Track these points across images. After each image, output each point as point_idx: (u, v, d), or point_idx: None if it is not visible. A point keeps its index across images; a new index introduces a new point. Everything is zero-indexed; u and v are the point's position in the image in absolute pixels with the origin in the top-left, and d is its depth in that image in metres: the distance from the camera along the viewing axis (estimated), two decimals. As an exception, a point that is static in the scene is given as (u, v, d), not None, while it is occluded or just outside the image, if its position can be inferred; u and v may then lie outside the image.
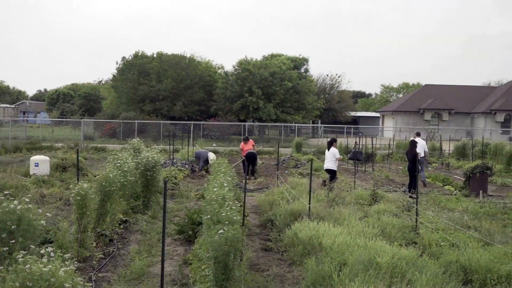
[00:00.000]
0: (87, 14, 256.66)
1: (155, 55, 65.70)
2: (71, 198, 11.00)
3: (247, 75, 57.73)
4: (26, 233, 7.74)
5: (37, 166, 21.35)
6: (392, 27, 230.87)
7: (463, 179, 22.06)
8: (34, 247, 7.33)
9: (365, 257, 8.76)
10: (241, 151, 26.65)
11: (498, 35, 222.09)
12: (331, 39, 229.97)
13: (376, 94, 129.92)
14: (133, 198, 14.90)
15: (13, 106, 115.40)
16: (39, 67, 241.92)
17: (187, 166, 26.30)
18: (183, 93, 61.30)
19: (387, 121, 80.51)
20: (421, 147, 23.86)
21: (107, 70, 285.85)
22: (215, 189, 9.96)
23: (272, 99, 57.99)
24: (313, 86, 69.49)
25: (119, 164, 13.56)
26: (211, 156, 25.84)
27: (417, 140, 23.33)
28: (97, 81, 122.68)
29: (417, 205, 13.01)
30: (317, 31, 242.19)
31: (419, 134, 26.15)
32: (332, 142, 20.62)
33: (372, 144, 33.55)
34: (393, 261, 8.65)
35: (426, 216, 13.85)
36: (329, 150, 20.39)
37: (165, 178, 18.92)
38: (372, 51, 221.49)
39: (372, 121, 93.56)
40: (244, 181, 13.61)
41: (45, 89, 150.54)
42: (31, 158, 22.15)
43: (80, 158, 23.73)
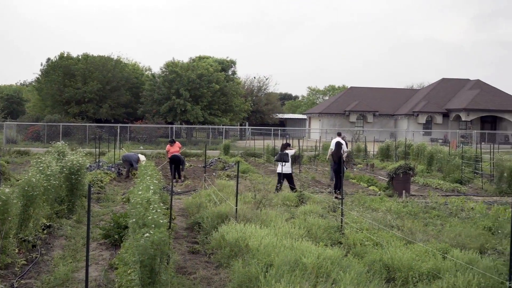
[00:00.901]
0: (7, 14, 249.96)
1: (80, 56, 64.60)
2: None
3: (174, 77, 57.46)
4: None
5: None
6: (319, 30, 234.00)
7: (387, 179, 22.52)
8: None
9: (291, 258, 8.85)
10: (167, 153, 26.52)
11: (421, 40, 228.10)
12: (258, 41, 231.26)
13: (303, 96, 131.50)
14: (57, 202, 14.59)
15: None
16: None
17: (113, 169, 25.96)
18: (110, 95, 60.50)
19: (313, 123, 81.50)
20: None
21: (31, 71, 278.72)
22: (140, 192, 9.86)
23: (199, 101, 57.86)
24: (240, 88, 69.76)
25: (42, 168, 13.28)
26: (142, 158, 25.66)
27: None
28: (19, 83, 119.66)
29: (342, 206, 13.21)
30: (244, 34, 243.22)
31: (340, 134, 26.67)
32: (286, 146, 20.84)
33: (299, 145, 33.88)
34: (318, 261, 8.76)
35: (351, 216, 14.08)
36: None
37: (90, 181, 18.67)
38: (299, 53, 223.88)
39: (299, 123, 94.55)
40: (171, 183, 13.55)
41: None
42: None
43: (2, 162, 23.17)
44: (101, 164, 27.01)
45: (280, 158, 21.09)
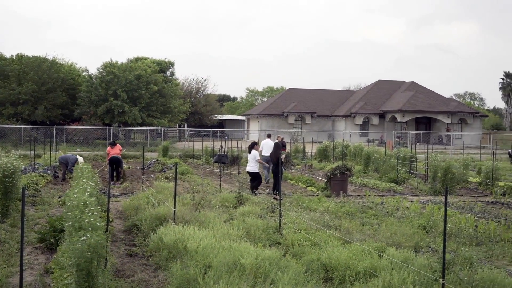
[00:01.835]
0: None
1: (14, 57, 63.17)
2: None
3: (112, 78, 56.74)
4: None
5: None
6: (257, 32, 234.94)
7: (325, 180, 22.78)
8: None
9: (230, 259, 8.87)
10: (107, 155, 26.22)
11: (358, 42, 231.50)
12: (197, 42, 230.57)
13: (242, 98, 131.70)
14: (-10, 206, 14.26)
15: None
16: None
17: (49, 172, 25.48)
18: (45, 96, 59.26)
19: (252, 124, 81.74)
20: (268, 147, 24.85)
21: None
22: (76, 195, 9.72)
23: (137, 102, 57.30)
24: (179, 89, 69.42)
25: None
26: (80, 159, 25.28)
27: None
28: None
29: (280, 206, 13.31)
30: (183, 35, 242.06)
31: (269, 135, 27.00)
32: (253, 146, 21.41)
33: (238, 147, 33.96)
34: (257, 262, 8.80)
35: (290, 217, 14.19)
36: (250, 153, 20.98)
37: (25, 184, 18.28)
38: (237, 55, 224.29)
39: (237, 124, 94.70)
40: (108, 186, 13.41)
41: None
42: None
43: None
44: (36, 166, 26.47)
45: (219, 159, 21.12)
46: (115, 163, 24.87)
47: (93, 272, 7.53)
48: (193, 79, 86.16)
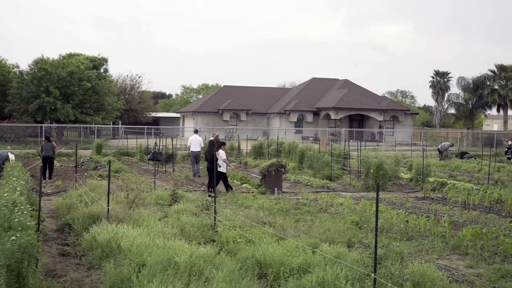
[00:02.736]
0: None
1: None
2: None
3: (43, 75, 55.49)
4: None
5: None
6: (192, 28, 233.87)
7: (260, 177, 22.90)
8: None
9: (164, 257, 8.83)
10: (41, 151, 25.71)
11: (293, 39, 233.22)
12: (131, 39, 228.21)
13: (177, 95, 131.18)
14: None
15: None
16: None
17: (-22, 170, 24.82)
18: (-26, 93, 57.76)
19: (187, 122, 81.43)
20: (197, 143, 25.02)
21: None
22: (5, 194, 9.52)
23: (70, 99, 56.24)
24: (113, 86, 68.54)
25: None
26: (12, 156, 24.69)
27: (196, 137, 24.31)
28: None
29: (215, 204, 13.32)
30: (117, 31, 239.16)
31: (196, 131, 27.11)
32: (221, 145, 21.26)
33: (173, 144, 33.79)
34: (191, 259, 8.78)
35: (224, 214, 14.23)
36: (218, 153, 20.83)
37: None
38: (172, 52, 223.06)
39: (172, 122, 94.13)
40: (39, 184, 13.16)
41: None
42: None
43: None
44: (-37, 165, 25.71)
45: (153, 157, 20.93)
46: (48, 161, 24.46)
47: (23, 272, 7.40)
48: (127, 76, 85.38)
